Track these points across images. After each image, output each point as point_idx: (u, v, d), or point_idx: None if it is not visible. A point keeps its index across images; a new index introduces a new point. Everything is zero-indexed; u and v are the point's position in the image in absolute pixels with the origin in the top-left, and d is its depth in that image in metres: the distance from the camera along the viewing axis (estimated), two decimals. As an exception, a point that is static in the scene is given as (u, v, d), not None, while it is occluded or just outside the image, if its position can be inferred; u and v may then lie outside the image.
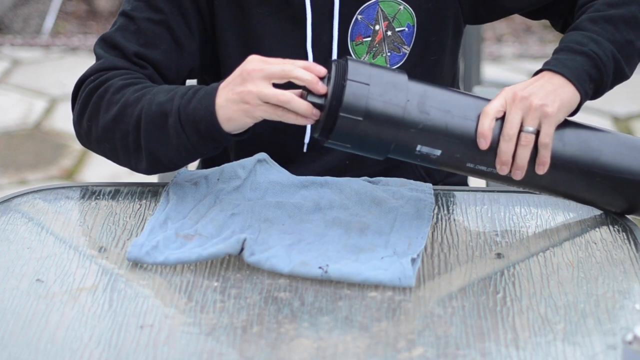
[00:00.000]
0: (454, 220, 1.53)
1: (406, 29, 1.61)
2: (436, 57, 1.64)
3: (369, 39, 1.60)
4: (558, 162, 1.43)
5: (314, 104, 1.39)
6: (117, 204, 1.57)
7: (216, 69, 1.64)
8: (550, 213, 1.54)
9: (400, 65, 1.62)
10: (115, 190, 1.60)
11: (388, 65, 1.61)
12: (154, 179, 1.81)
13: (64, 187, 1.61)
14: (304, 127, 1.61)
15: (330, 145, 1.42)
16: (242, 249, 1.40)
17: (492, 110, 1.41)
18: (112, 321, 1.29)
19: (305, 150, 1.62)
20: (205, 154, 1.50)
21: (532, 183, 1.46)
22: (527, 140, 1.40)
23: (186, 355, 1.24)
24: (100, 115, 1.52)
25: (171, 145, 1.48)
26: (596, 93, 1.50)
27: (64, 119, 3.82)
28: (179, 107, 1.45)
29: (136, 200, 1.58)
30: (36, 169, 3.50)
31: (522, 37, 4.50)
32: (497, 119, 1.41)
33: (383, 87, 1.39)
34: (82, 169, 3.50)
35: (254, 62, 1.40)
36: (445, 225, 1.51)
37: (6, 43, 4.50)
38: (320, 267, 1.37)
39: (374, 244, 1.43)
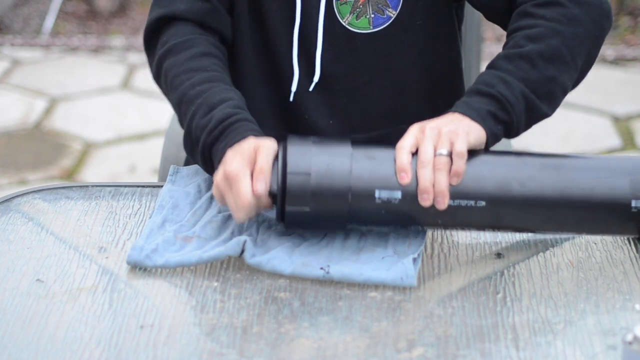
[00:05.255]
0: (454, 220, 1.53)
1: None
2: (421, 22, 1.63)
3: None
4: (522, 182, 1.39)
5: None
6: (117, 204, 1.57)
7: None
8: (550, 213, 1.54)
9: (385, 28, 1.61)
10: (115, 190, 1.60)
11: (371, 27, 1.61)
12: (154, 179, 1.81)
13: (64, 187, 1.61)
14: (292, 78, 1.63)
15: (289, 224, 1.41)
16: (242, 251, 1.40)
17: (406, 144, 1.39)
18: (112, 321, 1.30)
19: (291, 100, 1.63)
20: None
21: (506, 221, 1.42)
22: (441, 162, 1.38)
23: (186, 355, 1.24)
24: (168, 92, 1.58)
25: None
26: (509, 133, 1.47)
27: (64, 119, 3.82)
28: (204, 146, 1.50)
29: (136, 200, 1.58)
30: (36, 169, 3.50)
31: (522, 37, 4.50)
32: (413, 154, 1.40)
33: (326, 144, 1.40)
34: (82, 169, 3.50)
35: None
36: (445, 225, 1.51)
37: (6, 43, 4.50)
38: (321, 268, 1.37)
39: (374, 244, 1.43)
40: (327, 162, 1.38)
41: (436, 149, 1.39)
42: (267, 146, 1.41)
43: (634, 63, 4.23)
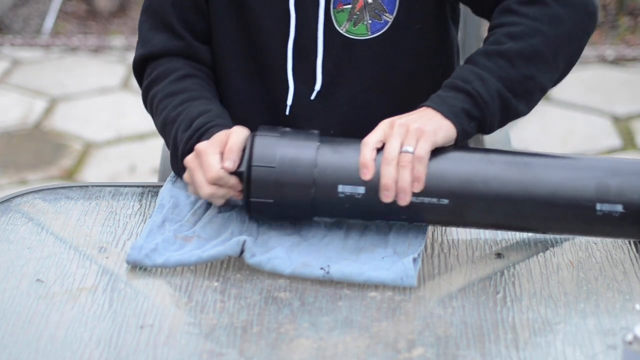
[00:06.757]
0: (454, 220, 1.53)
1: None
2: (421, 26, 1.63)
3: (349, 6, 1.60)
4: (486, 181, 1.39)
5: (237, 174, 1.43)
6: (117, 204, 1.57)
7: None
8: (550, 213, 1.54)
9: (383, 33, 1.61)
10: (115, 190, 1.60)
11: (369, 33, 1.61)
12: (154, 179, 1.81)
13: (64, 187, 1.61)
14: (286, 92, 1.63)
15: (255, 212, 1.43)
16: (242, 251, 1.40)
17: (371, 140, 1.40)
18: (112, 321, 1.30)
19: (287, 113, 1.63)
20: None
21: (470, 219, 1.42)
22: (406, 160, 1.38)
23: (186, 355, 1.24)
24: (154, 119, 1.62)
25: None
26: (483, 129, 1.48)
27: (64, 119, 3.82)
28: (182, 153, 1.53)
29: (136, 200, 1.58)
30: (36, 169, 3.50)
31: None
32: (378, 150, 1.40)
33: (294, 135, 1.42)
34: (82, 169, 3.50)
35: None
36: (445, 225, 1.51)
37: (6, 43, 4.50)
38: (321, 268, 1.37)
39: (374, 244, 1.43)
40: (292, 155, 1.40)
41: (402, 146, 1.39)
42: (238, 131, 1.45)
43: (634, 63, 4.23)
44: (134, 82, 4.13)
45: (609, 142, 3.61)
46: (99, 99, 4.00)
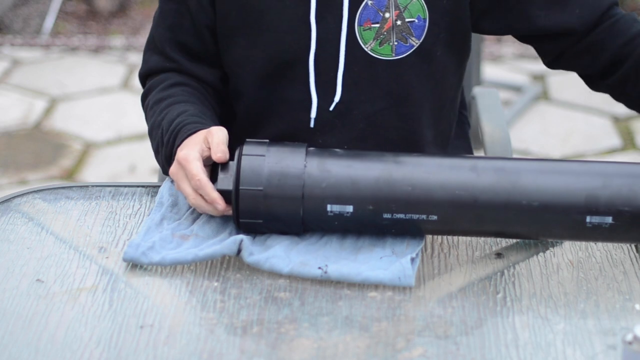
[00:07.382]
0: (454, 220, 1.53)
1: (416, 21, 1.60)
2: (440, 53, 1.64)
3: (377, 25, 1.60)
4: (474, 195, 1.38)
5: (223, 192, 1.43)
6: (117, 204, 1.57)
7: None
8: (550, 213, 1.54)
9: (407, 56, 1.61)
10: (115, 190, 1.60)
11: (394, 54, 1.61)
12: (154, 179, 1.81)
13: (64, 187, 1.61)
14: (310, 102, 1.62)
15: (245, 230, 1.43)
16: (239, 250, 1.40)
17: None
18: (112, 321, 1.30)
19: (312, 125, 1.62)
20: None
21: (459, 231, 1.42)
22: None
23: (186, 355, 1.24)
24: (147, 125, 1.65)
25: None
26: None
27: (64, 119, 3.82)
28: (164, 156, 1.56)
29: (136, 200, 1.58)
30: (36, 169, 3.50)
31: (522, 37, 4.48)
32: None
33: (280, 153, 1.41)
34: (82, 169, 3.50)
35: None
36: (445, 225, 1.51)
37: (6, 43, 4.50)
38: (319, 268, 1.37)
39: (372, 244, 1.43)
40: (279, 176, 1.40)
41: None
42: (217, 129, 1.47)
43: (634, 63, 4.22)
44: (134, 82, 4.13)
45: (609, 142, 3.61)
46: (99, 99, 4.00)
